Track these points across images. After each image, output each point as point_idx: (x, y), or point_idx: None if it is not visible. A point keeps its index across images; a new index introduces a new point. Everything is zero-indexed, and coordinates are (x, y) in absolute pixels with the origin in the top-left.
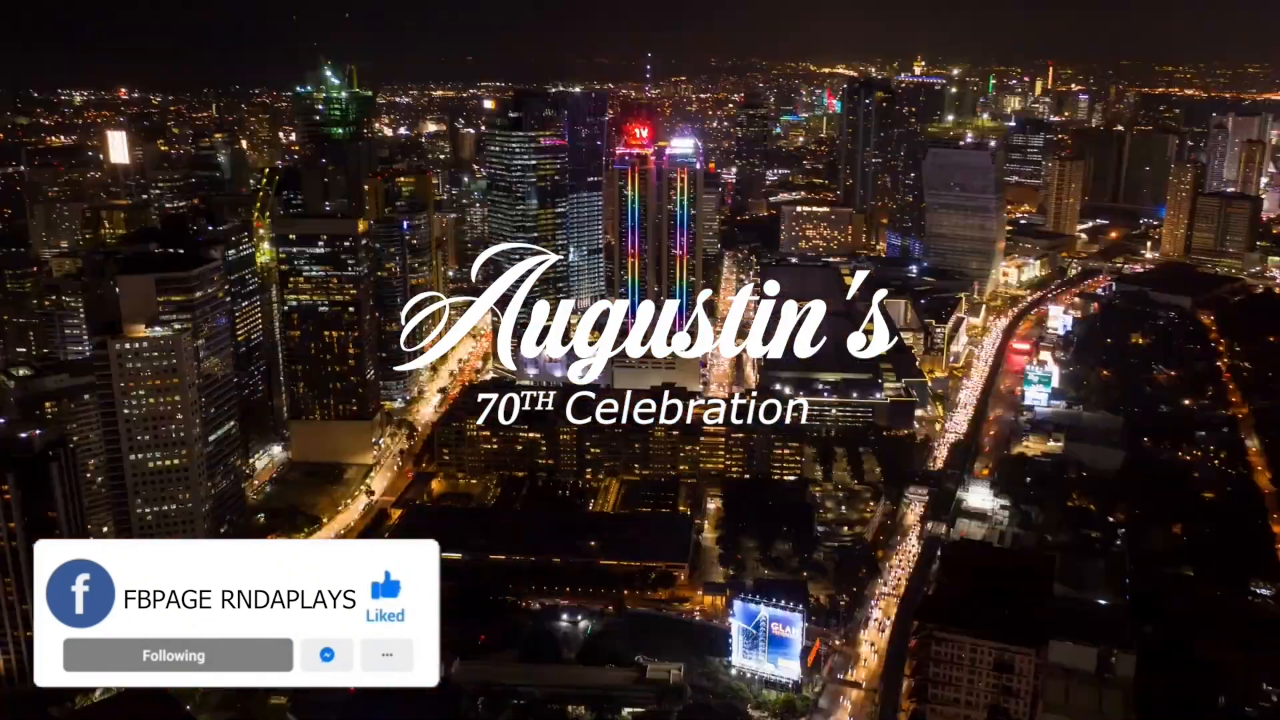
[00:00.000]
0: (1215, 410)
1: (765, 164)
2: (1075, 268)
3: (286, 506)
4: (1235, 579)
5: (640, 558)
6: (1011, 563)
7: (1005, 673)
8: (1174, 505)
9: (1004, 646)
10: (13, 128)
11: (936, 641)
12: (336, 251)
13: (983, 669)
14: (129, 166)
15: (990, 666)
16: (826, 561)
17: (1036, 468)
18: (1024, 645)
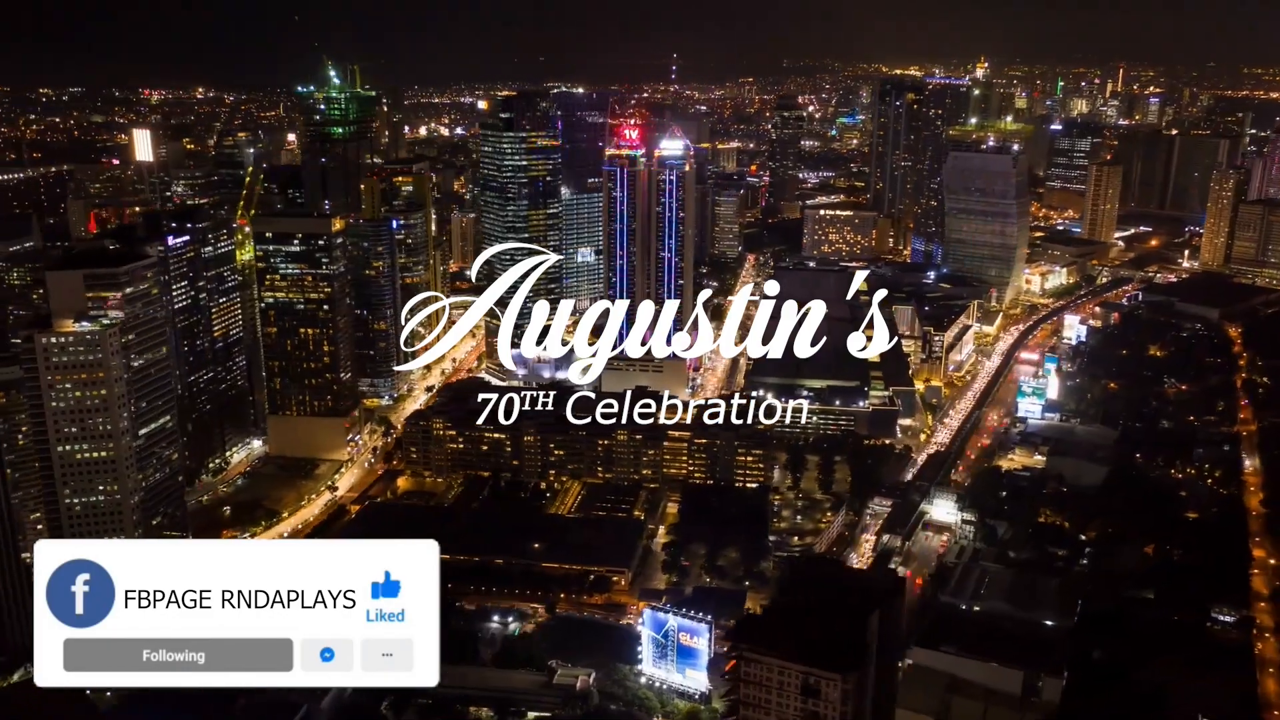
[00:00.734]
0: (1220, 427)
1: (799, 166)
2: (1106, 276)
3: (251, 500)
4: (1198, 603)
5: (582, 561)
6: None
7: (812, 697)
8: (1152, 524)
9: (810, 670)
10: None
11: (746, 662)
12: (311, 250)
13: (790, 692)
14: (152, 164)
15: (797, 690)
16: (772, 571)
17: (1013, 481)
18: (832, 670)
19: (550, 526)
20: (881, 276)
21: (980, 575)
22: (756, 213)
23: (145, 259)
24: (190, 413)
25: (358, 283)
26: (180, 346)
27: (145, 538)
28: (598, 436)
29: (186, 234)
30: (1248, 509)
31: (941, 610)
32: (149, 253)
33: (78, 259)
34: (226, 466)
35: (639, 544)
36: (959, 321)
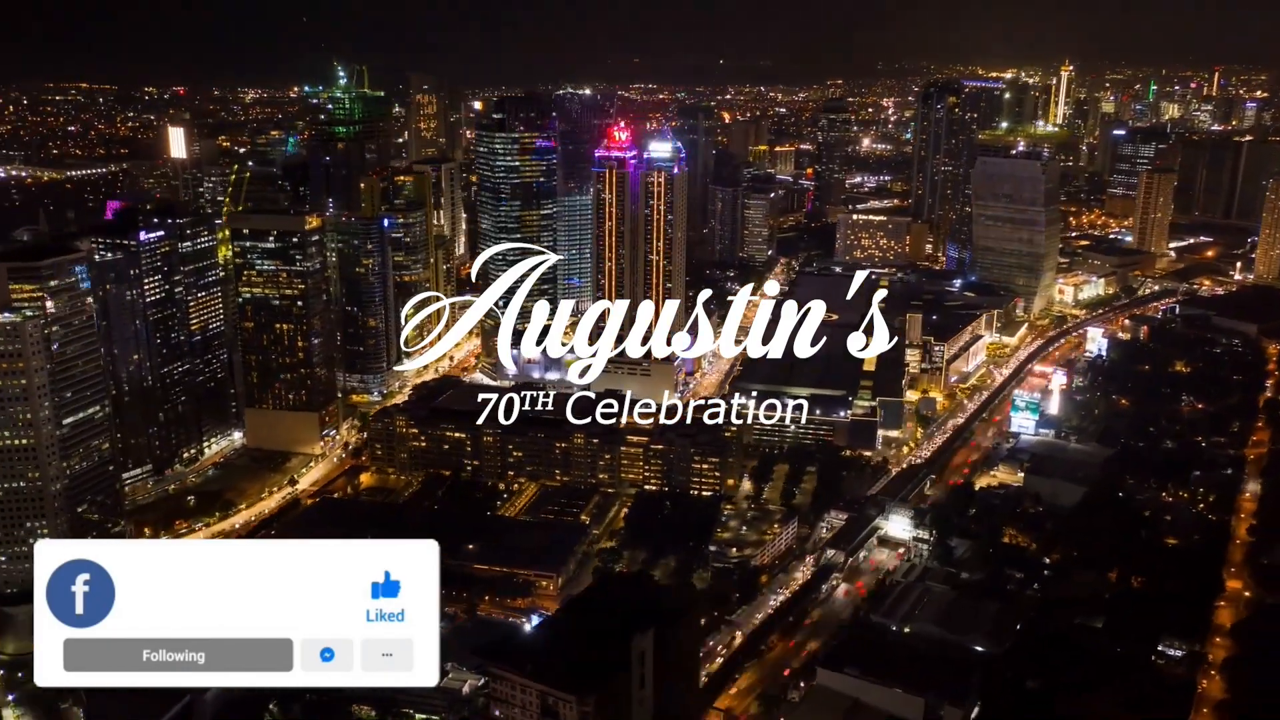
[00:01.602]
0: (1228, 449)
1: (846, 169)
2: (1149, 287)
3: (216, 490)
4: (1148, 635)
5: (513, 564)
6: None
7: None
8: (1122, 549)
9: (549, 690)
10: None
11: (494, 679)
12: (286, 247)
13: (532, 712)
14: (185, 161)
15: (538, 711)
16: (705, 582)
17: (985, 499)
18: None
19: (494, 528)
20: (906, 283)
21: (920, 595)
22: (800, 216)
23: (73, 253)
24: (163, 404)
25: (349, 280)
26: (153, 339)
27: (70, 524)
28: (555, 439)
29: (162, 229)
30: (1233, 537)
31: (867, 630)
32: (79, 247)
33: (6, 253)
34: (201, 457)
35: (577, 549)
36: (966, 331)
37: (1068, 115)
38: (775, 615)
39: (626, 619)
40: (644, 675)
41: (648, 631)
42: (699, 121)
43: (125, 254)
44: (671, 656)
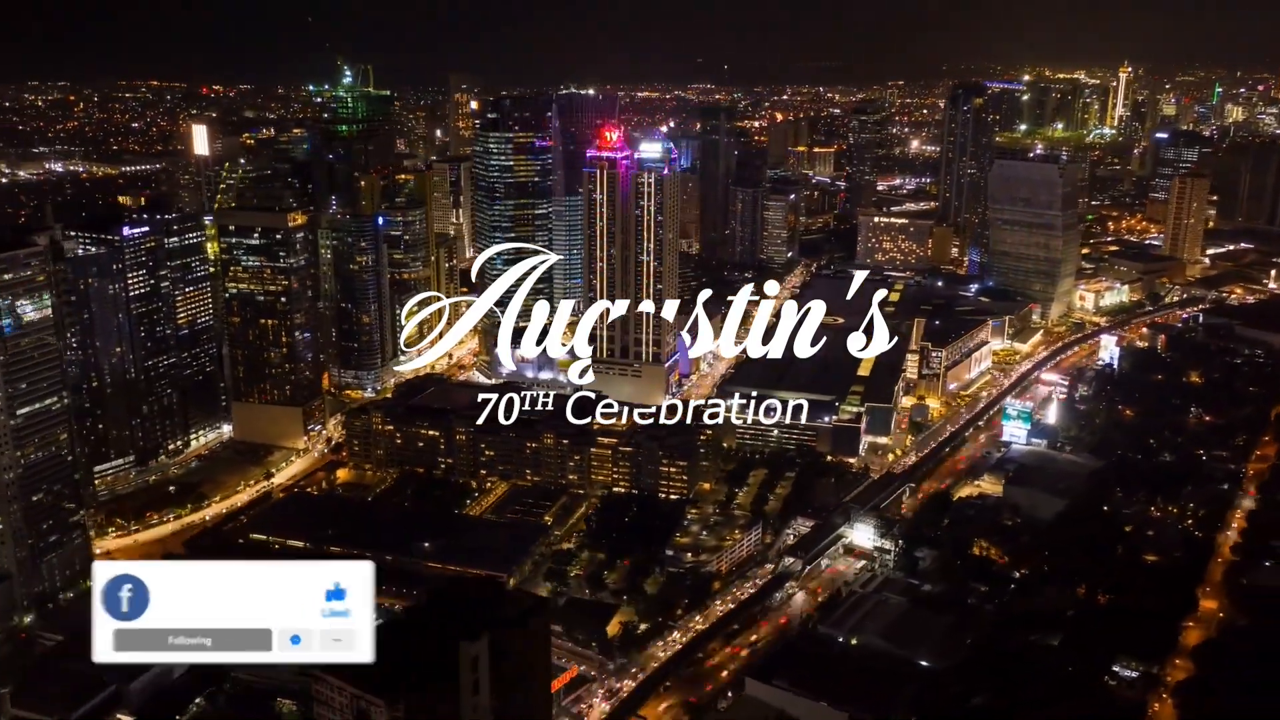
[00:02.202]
0: (1229, 463)
1: (877, 171)
2: (1175, 295)
3: (195, 482)
4: (1105, 654)
5: (466, 564)
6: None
7: None
8: (1094, 564)
9: (361, 694)
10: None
11: (315, 680)
12: (270, 244)
13: (347, 713)
14: (207, 158)
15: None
16: (657, 587)
17: (960, 509)
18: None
19: (457, 526)
20: (922, 286)
21: (874, 606)
22: (830, 217)
23: (28, 248)
24: (146, 396)
25: (343, 277)
26: (136, 332)
27: (24, 513)
28: (526, 439)
29: (146, 225)
30: (1217, 554)
31: (811, 640)
32: (35, 241)
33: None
34: (186, 449)
35: (533, 550)
36: (968, 336)
37: (1124, 118)
38: (720, 623)
39: (465, 624)
40: (478, 682)
41: (481, 637)
42: (720, 123)
43: (108, 249)
44: (514, 664)
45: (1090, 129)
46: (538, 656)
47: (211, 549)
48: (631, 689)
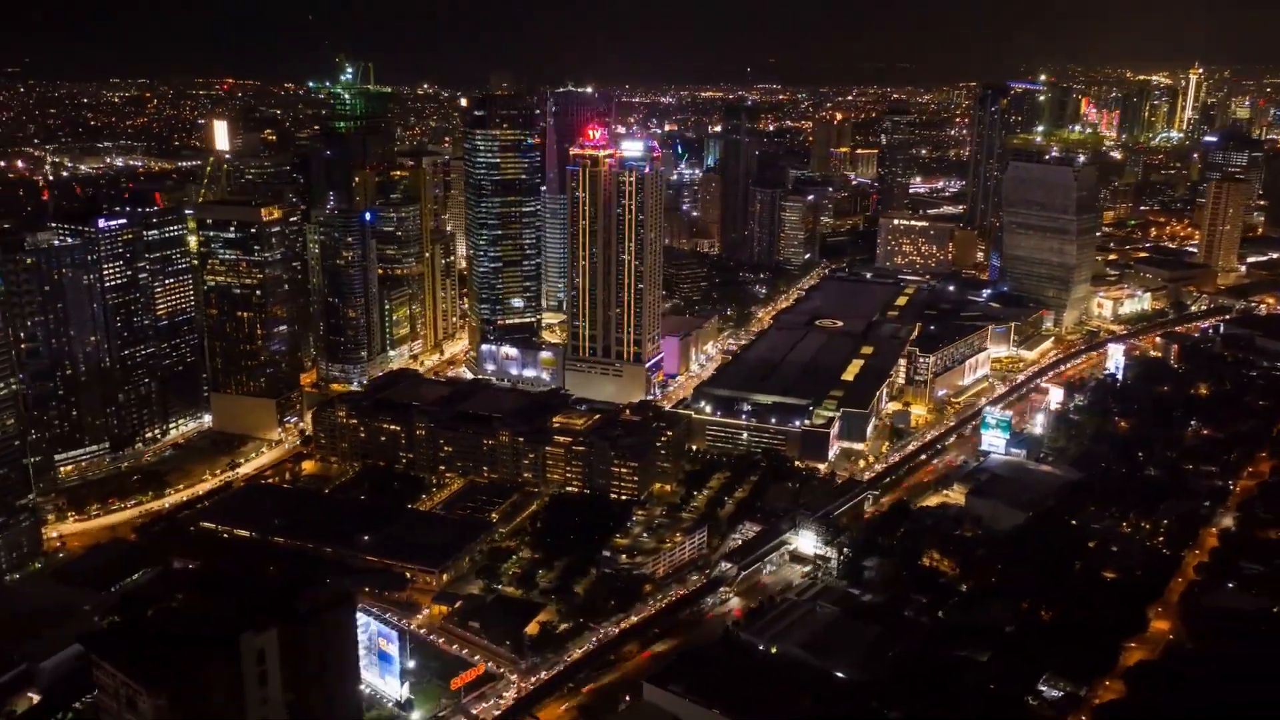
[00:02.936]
0: (1216, 479)
1: (909, 172)
2: (1201, 303)
3: (164, 470)
4: (1033, 673)
5: (399, 558)
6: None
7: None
8: (1049, 579)
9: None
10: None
11: (95, 666)
12: (245, 238)
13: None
14: (228, 153)
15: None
16: (586, 588)
17: (919, 519)
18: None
19: (403, 521)
20: (935, 290)
21: (804, 615)
22: (860, 219)
23: None
24: (123, 385)
25: (330, 272)
26: (112, 322)
27: None
28: (484, 436)
29: (124, 217)
30: (1181, 573)
31: (731, 647)
32: None
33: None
34: (164, 437)
35: (471, 546)
36: (962, 342)
37: (1192, 121)
38: (641, 626)
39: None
40: (265, 674)
41: (266, 629)
42: (741, 122)
43: (83, 240)
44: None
45: (1157, 132)
46: (341, 651)
47: (161, 536)
48: (534, 688)
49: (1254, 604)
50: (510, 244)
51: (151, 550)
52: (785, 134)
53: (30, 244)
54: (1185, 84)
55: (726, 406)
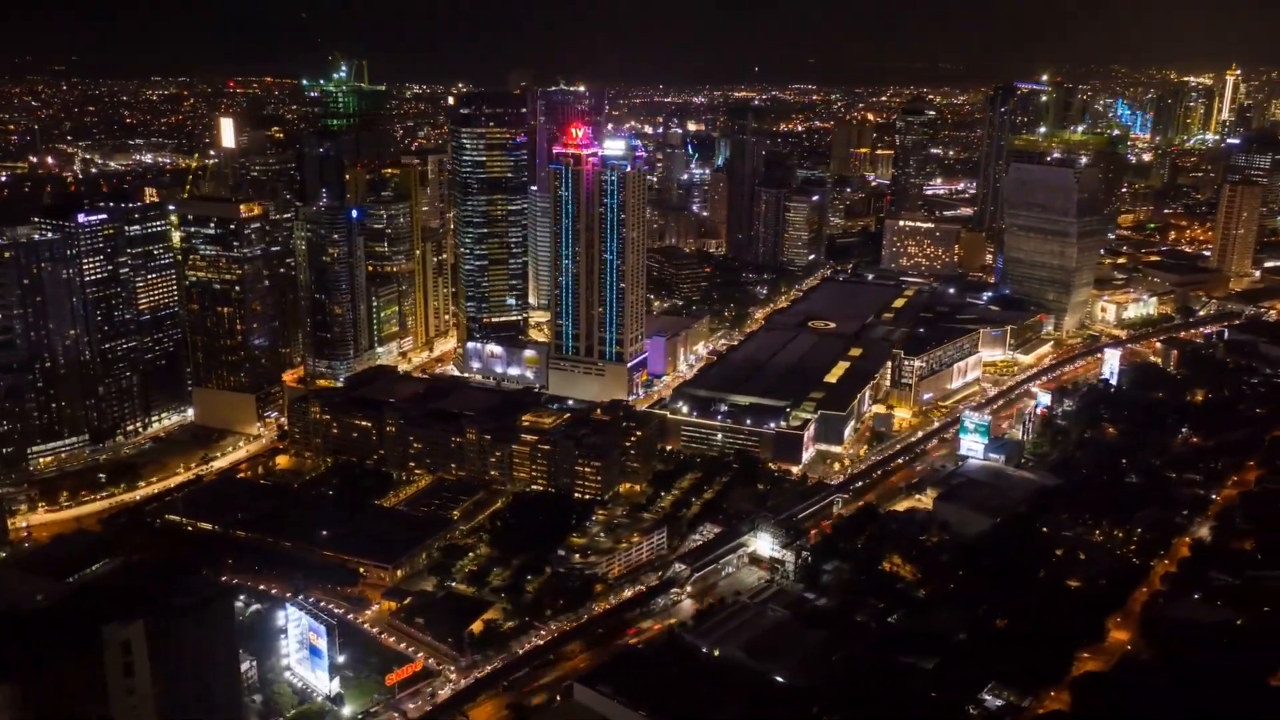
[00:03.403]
0: (1198, 489)
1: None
2: (1210, 308)
3: (139, 463)
4: (977, 681)
5: (354, 553)
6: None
7: None
8: (1009, 586)
9: None
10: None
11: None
12: (225, 234)
13: None
14: (234, 150)
15: None
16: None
17: (884, 523)
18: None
19: (365, 516)
20: (935, 292)
21: (752, 617)
22: (872, 220)
23: None
24: (103, 378)
25: (317, 268)
26: (93, 316)
27: None
28: (451, 434)
29: (104, 212)
30: (1147, 583)
31: (674, 649)
32: None
33: None
34: (145, 430)
35: (429, 543)
36: (951, 346)
37: (1229, 123)
38: (586, 626)
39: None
40: (131, 665)
41: (131, 622)
42: (747, 122)
43: (62, 234)
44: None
45: (1193, 134)
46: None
47: (126, 528)
48: (467, 686)
49: (1218, 616)
50: (496, 242)
51: (114, 542)
52: (815, 134)
53: (9, 238)
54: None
55: (704, 407)
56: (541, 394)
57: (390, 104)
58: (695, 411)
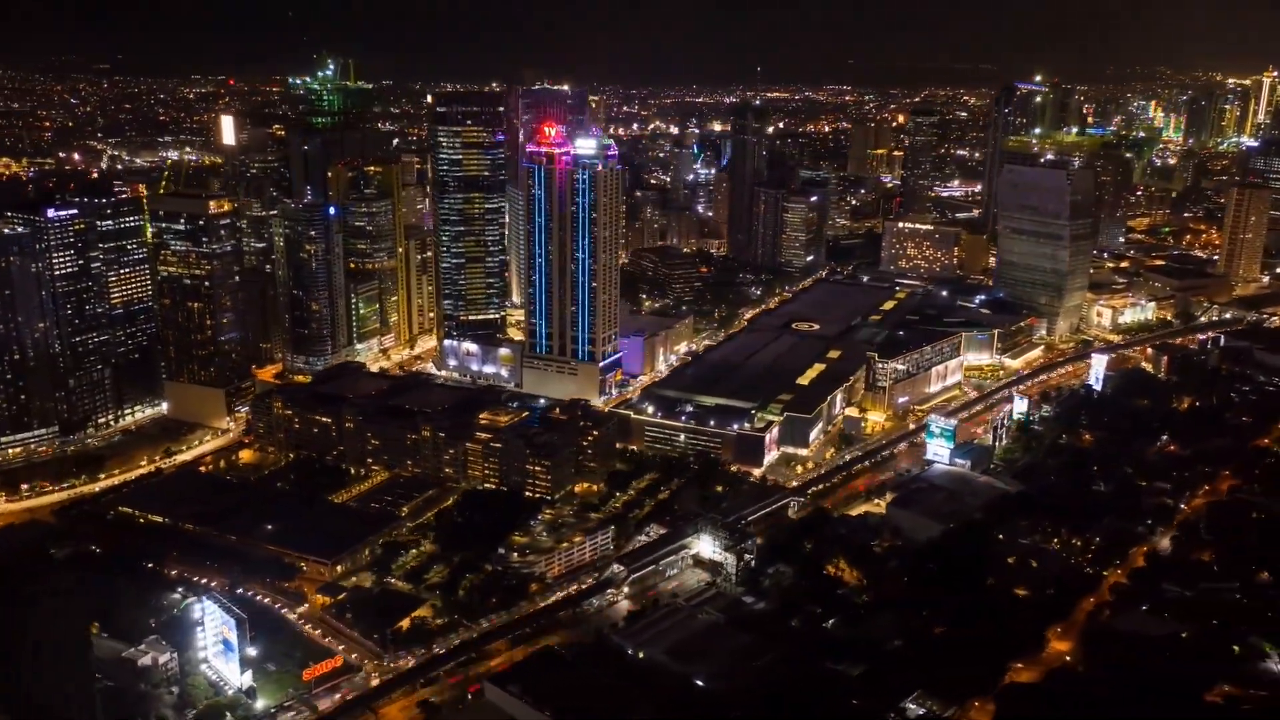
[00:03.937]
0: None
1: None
2: (1210, 314)
3: (104, 456)
4: (902, 690)
5: (295, 548)
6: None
7: None
8: (953, 593)
9: None
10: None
11: None
12: (195, 230)
13: None
14: (234, 148)
15: None
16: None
17: (833, 527)
18: None
19: (314, 511)
20: (929, 294)
21: (683, 620)
22: (879, 222)
23: None
24: (74, 371)
25: (294, 265)
26: (62, 309)
27: None
28: (407, 431)
29: (74, 207)
30: (1097, 593)
31: (601, 650)
32: None
33: None
34: (116, 423)
35: (371, 539)
36: (930, 349)
37: (1265, 125)
38: (513, 625)
39: None
40: None
41: None
42: (748, 123)
43: (32, 229)
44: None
45: (1227, 136)
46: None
47: (78, 519)
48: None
49: (1164, 628)
50: (473, 240)
51: (65, 533)
52: (840, 135)
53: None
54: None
55: (669, 408)
56: (503, 392)
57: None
58: (660, 412)
